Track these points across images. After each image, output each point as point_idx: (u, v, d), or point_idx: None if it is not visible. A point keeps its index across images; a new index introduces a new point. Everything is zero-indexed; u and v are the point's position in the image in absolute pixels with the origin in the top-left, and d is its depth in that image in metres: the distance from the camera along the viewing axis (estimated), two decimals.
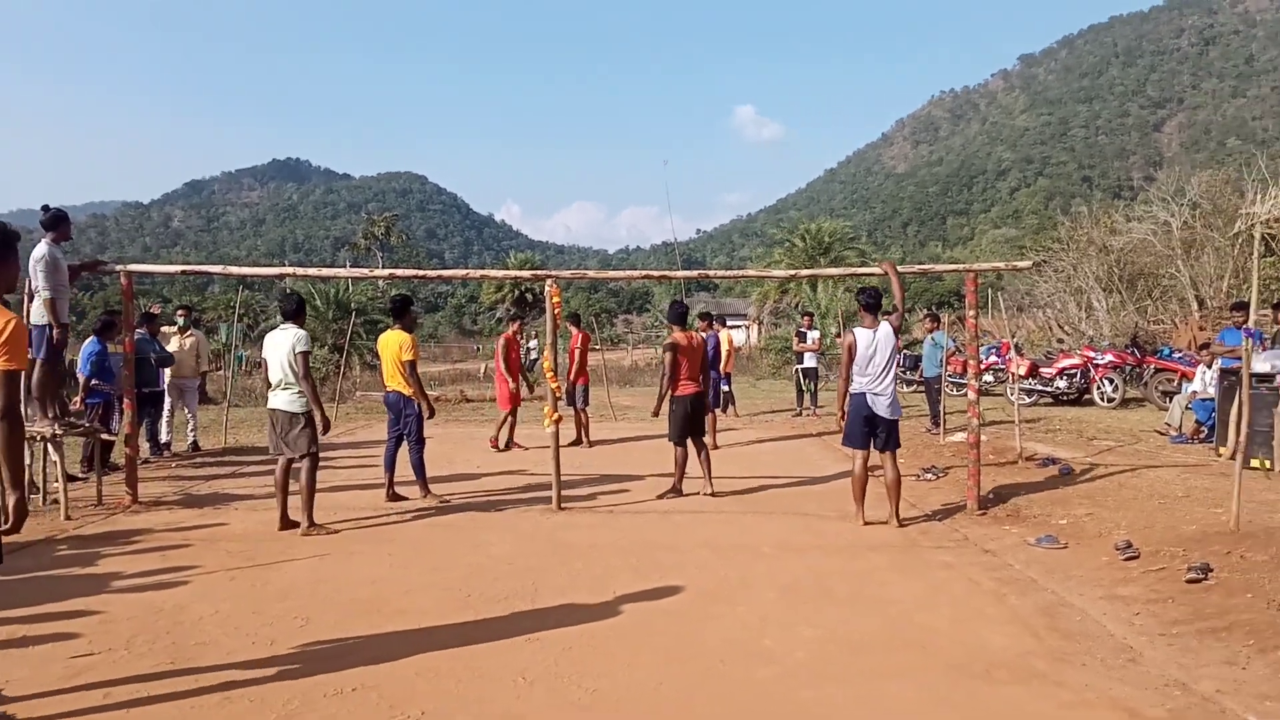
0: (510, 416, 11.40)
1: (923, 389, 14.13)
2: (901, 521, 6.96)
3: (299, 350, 6.70)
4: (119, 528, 6.98)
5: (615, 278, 12.99)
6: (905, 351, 19.17)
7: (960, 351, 14.54)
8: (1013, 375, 13.18)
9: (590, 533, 6.88)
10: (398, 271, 10.42)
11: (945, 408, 12.21)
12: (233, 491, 8.61)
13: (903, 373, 18.15)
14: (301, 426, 6.75)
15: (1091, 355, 16.30)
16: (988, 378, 17.15)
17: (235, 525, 7.10)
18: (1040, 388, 16.21)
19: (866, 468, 7.06)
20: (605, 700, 3.70)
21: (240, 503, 8.03)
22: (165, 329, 11.38)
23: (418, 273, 9.74)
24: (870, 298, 7.02)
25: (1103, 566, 5.63)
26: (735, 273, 13.02)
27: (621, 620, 4.72)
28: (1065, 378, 16.14)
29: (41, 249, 7.33)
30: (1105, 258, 22.46)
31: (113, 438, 9.22)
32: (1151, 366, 15.58)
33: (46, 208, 7.59)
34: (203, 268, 9.98)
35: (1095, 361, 15.96)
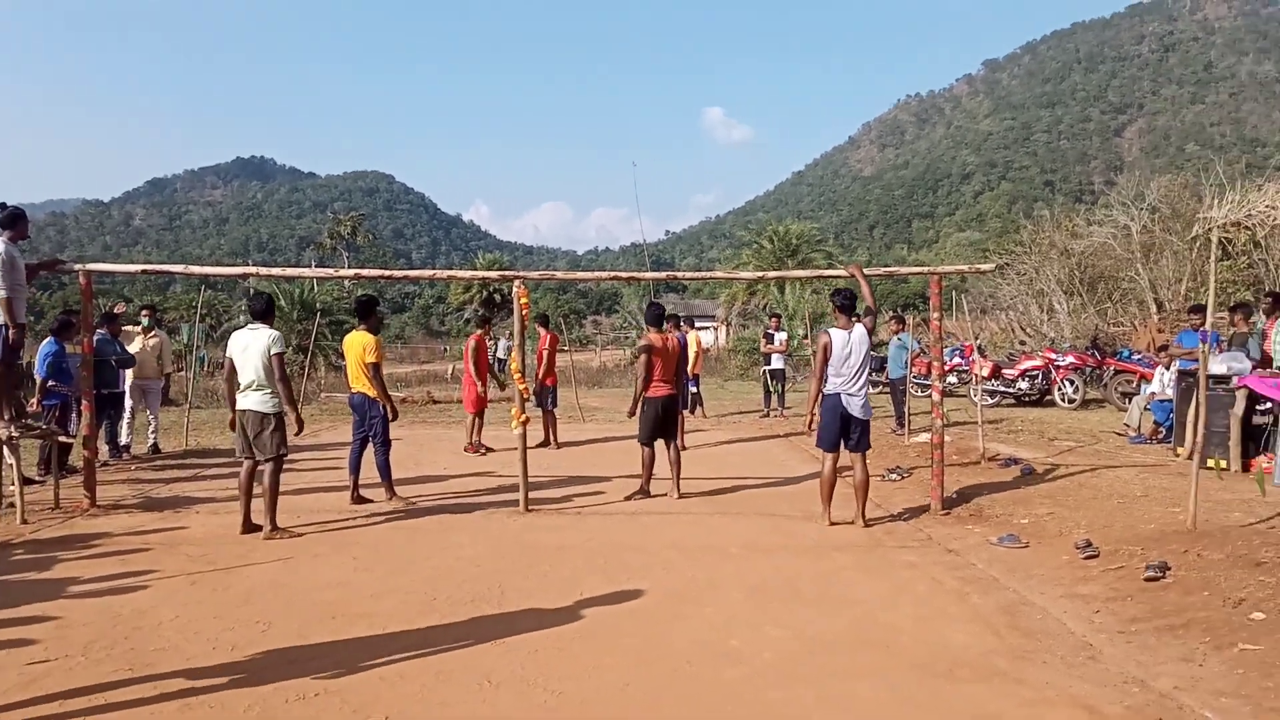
0: (478, 419, 11.36)
1: (888, 390, 14.26)
2: (867, 522, 7.02)
3: (274, 352, 6.64)
4: (77, 532, 6.85)
5: (584, 279, 12.98)
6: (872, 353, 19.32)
7: (925, 353, 14.70)
8: (976, 377, 13.34)
9: (558, 534, 6.86)
10: (363, 272, 10.34)
11: (910, 408, 12.34)
12: (194, 494, 8.48)
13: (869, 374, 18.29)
14: (273, 428, 6.69)
15: (1053, 357, 16.54)
16: (951, 379, 17.36)
17: (196, 529, 7.00)
18: (1003, 389, 16.42)
19: (836, 469, 7.11)
20: (572, 703, 3.69)
21: (201, 506, 7.92)
22: (128, 329, 11.20)
23: (384, 273, 9.65)
24: (845, 299, 7.04)
25: (1063, 565, 5.72)
26: (703, 274, 13.10)
27: (589, 622, 4.71)
28: (1027, 379, 16.36)
29: None
30: (1066, 261, 22.78)
31: (71, 440, 9.04)
32: (1111, 368, 15.83)
33: (3, 205, 7.41)
34: (164, 267, 9.83)
35: (1056, 363, 16.20)
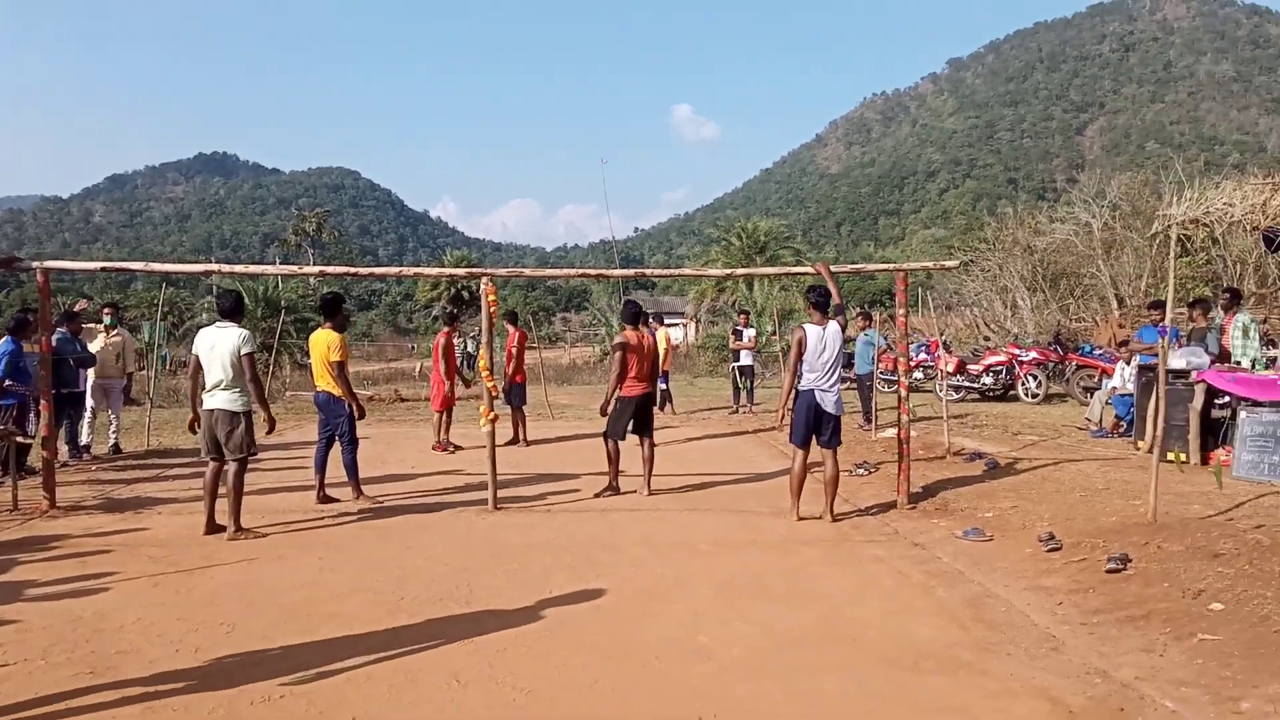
0: (446, 417, 11.30)
1: (855, 386, 14.39)
2: (835, 517, 7.07)
3: (244, 352, 6.58)
4: (36, 534, 6.73)
5: (552, 276, 12.96)
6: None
7: (891, 349, 14.84)
8: (941, 372, 13.50)
9: (527, 532, 6.84)
10: (328, 269, 10.26)
11: (877, 404, 12.45)
12: (156, 495, 8.36)
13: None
14: (243, 427, 6.62)
15: (1016, 352, 16.78)
16: (917, 374, 17.57)
17: (158, 530, 6.89)
18: (968, 384, 16.63)
19: (806, 464, 7.16)
20: (540, 701, 3.69)
21: (163, 507, 7.80)
22: (90, 326, 11.00)
23: (349, 270, 9.59)
24: (821, 296, 7.06)
25: (1026, 558, 5.80)
26: (672, 271, 13.13)
27: (557, 620, 4.71)
28: (991, 374, 16.58)
29: None
30: (1030, 258, 23.13)
31: (29, 440, 8.87)
32: (1073, 363, 16.09)
33: None
34: (125, 265, 9.67)
35: (1020, 358, 16.44)
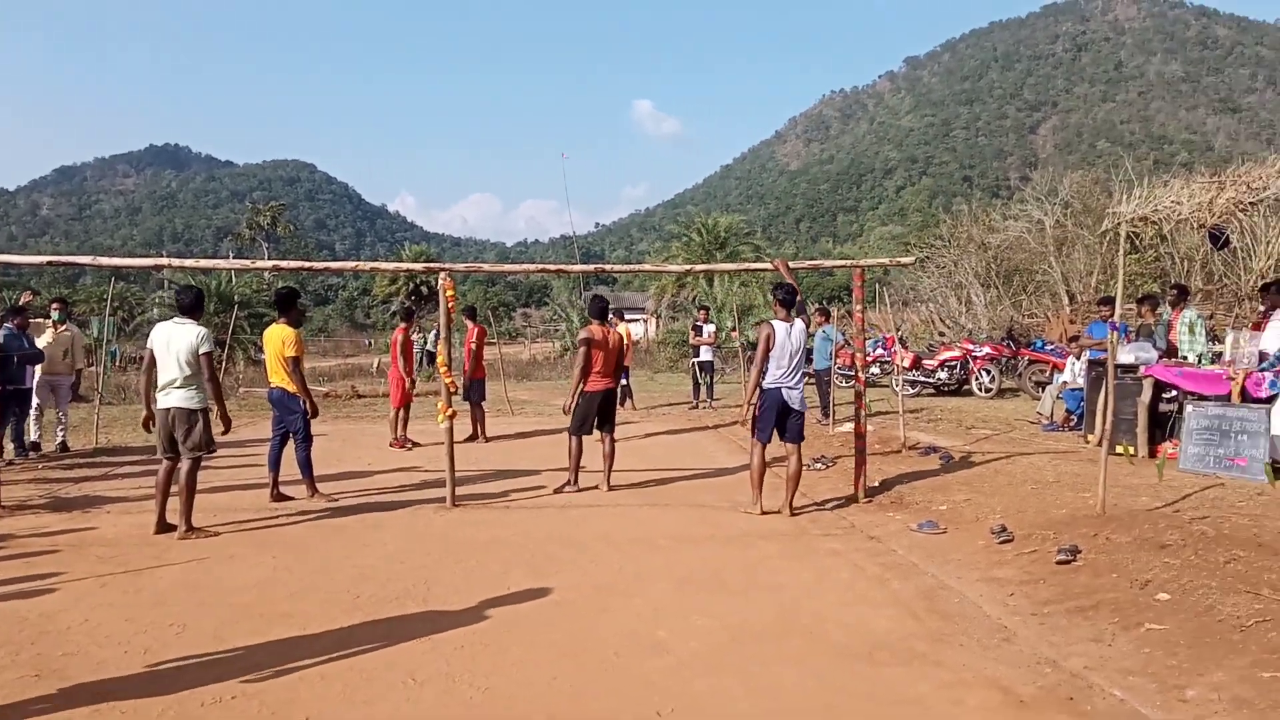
0: (404, 413, 11.20)
1: (813, 381, 14.51)
2: (794, 511, 7.12)
3: (203, 351, 6.47)
4: None
5: (511, 271, 12.88)
6: None
7: (849, 345, 14.97)
8: (897, 367, 13.65)
9: (485, 529, 6.80)
10: (283, 264, 10.11)
11: (835, 399, 12.56)
12: (104, 494, 8.18)
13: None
14: (201, 424, 6.52)
15: (970, 348, 17.05)
16: (874, 370, 17.74)
17: (106, 529, 6.74)
18: (923, 379, 16.85)
19: (765, 459, 7.20)
20: (498, 698, 3.67)
21: (112, 505, 7.64)
22: (38, 321, 10.72)
23: (304, 265, 9.41)
24: (787, 293, 7.09)
25: (979, 550, 5.89)
26: (632, 267, 13.15)
27: (516, 617, 4.69)
28: (946, 369, 16.82)
29: None
30: (984, 254, 23.45)
31: None
32: (1025, 358, 16.37)
33: None
34: (72, 258, 9.35)
35: (974, 354, 16.70)
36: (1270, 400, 7.78)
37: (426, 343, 22.99)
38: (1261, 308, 9.45)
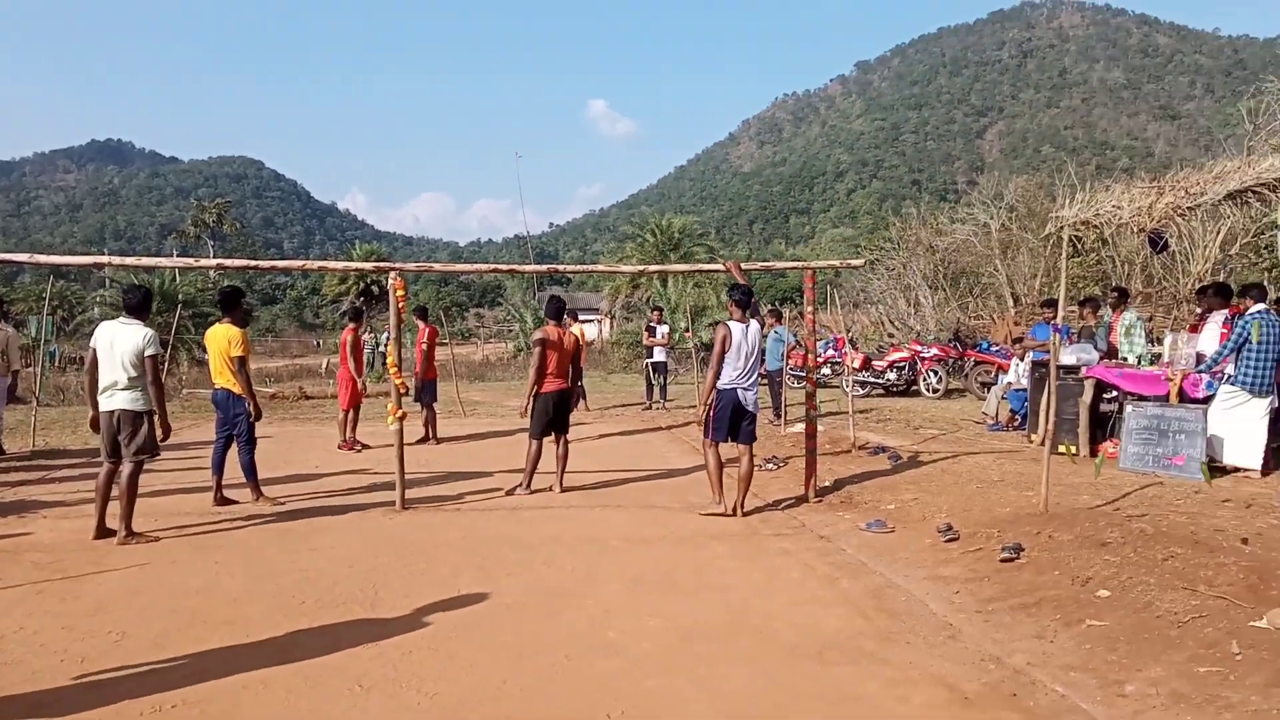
0: (354, 414, 11.05)
1: (765, 382, 14.61)
2: (746, 511, 7.15)
3: (149, 353, 6.30)
4: None
5: (463, 271, 12.78)
6: None
7: (800, 345, 15.10)
8: (848, 368, 13.81)
9: (435, 532, 6.73)
10: (227, 262, 9.88)
11: (786, 400, 12.66)
12: (41, 498, 7.92)
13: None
14: (146, 427, 6.37)
15: (918, 349, 17.31)
16: (825, 371, 17.92)
17: (43, 534, 6.54)
18: (872, 380, 17.07)
19: (721, 458, 7.21)
20: (446, 703, 3.62)
21: (49, 510, 7.40)
22: None
23: (250, 264, 9.23)
24: (744, 294, 7.09)
25: (926, 549, 5.98)
26: (585, 268, 13.09)
27: (465, 620, 4.64)
28: (895, 370, 17.06)
29: None
30: (932, 257, 23.85)
31: None
32: (971, 359, 16.68)
33: None
34: (9, 256, 9.05)
35: (922, 355, 16.96)
36: (1207, 401, 8.02)
37: (379, 344, 22.69)
38: (1199, 310, 9.74)
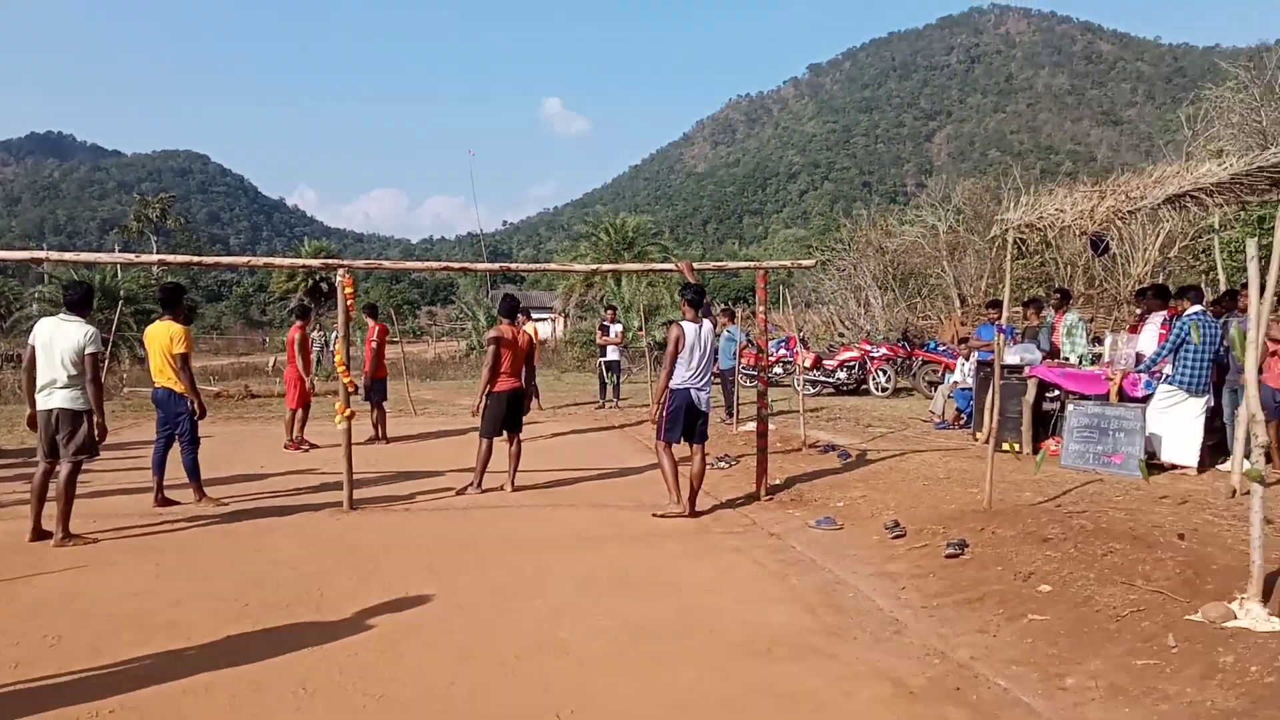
0: (303, 414, 10.88)
1: (718, 381, 14.69)
2: (697, 510, 7.16)
3: (89, 351, 6.13)
4: None
5: (414, 269, 12.64)
6: None
7: (752, 345, 15.21)
8: (799, 367, 13.92)
9: (384, 533, 6.65)
10: (170, 258, 9.64)
11: (739, 398, 12.74)
12: None
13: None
14: (85, 426, 6.21)
15: (868, 348, 17.54)
16: (777, 370, 18.07)
17: None
18: (823, 379, 17.26)
19: (675, 458, 7.19)
20: (392, 706, 3.58)
21: None
22: None
23: (194, 260, 9.01)
24: (696, 294, 7.06)
25: (874, 545, 6.06)
26: (538, 266, 13.00)
27: (414, 621, 4.59)
28: (845, 369, 17.26)
29: None
30: (881, 258, 24.19)
31: None
32: (919, 359, 16.94)
33: None
34: None
35: (871, 354, 17.18)
36: (1145, 400, 8.24)
37: (328, 342, 22.36)
38: (1138, 311, 10.02)
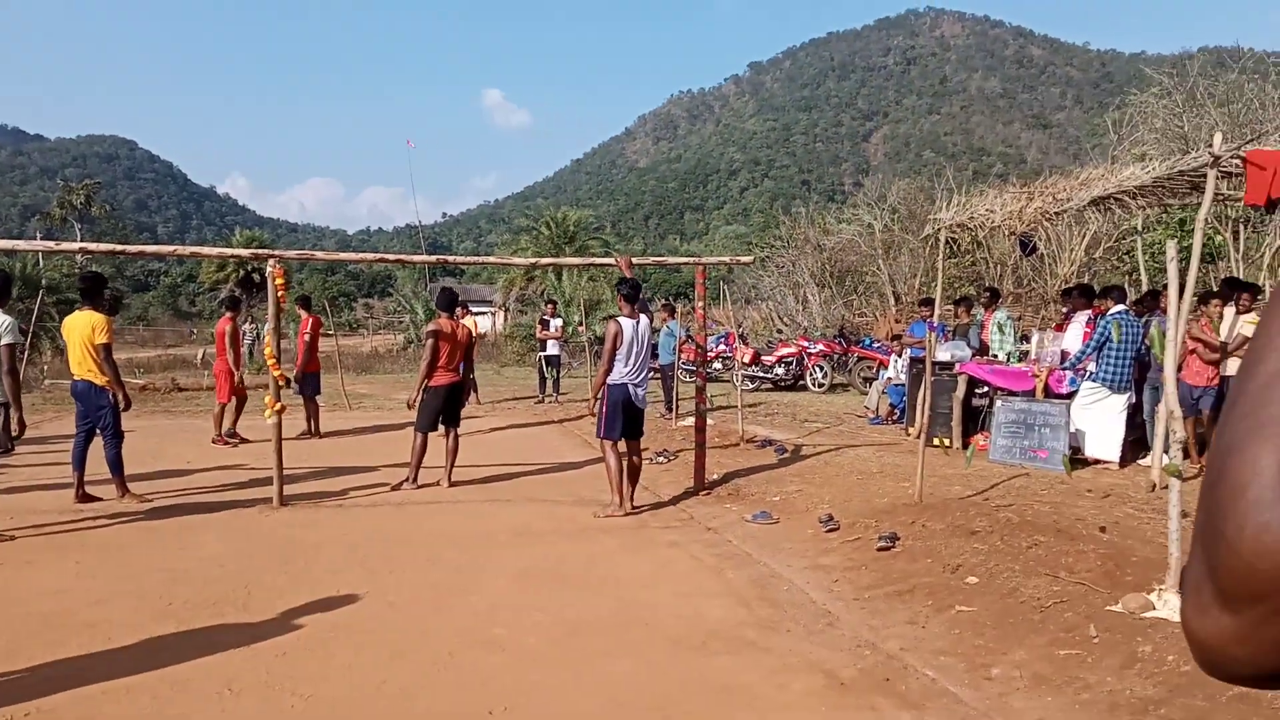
0: (238, 407, 10.62)
1: (657, 376, 14.73)
2: (635, 505, 7.16)
3: (5, 342, 5.93)
4: None
5: (349, 260, 12.41)
6: None
7: (692, 340, 15.28)
8: (738, 363, 14.04)
9: (315, 530, 6.52)
10: (93, 246, 9.36)
11: (678, 393, 12.80)
12: None
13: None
14: (2, 420, 6.00)
15: (805, 345, 17.75)
16: (716, 365, 18.19)
17: None
18: (762, 374, 17.42)
19: (620, 455, 7.07)
20: (321, 705, 3.52)
21: None
22: None
23: (118, 248, 8.74)
24: (632, 288, 7.02)
25: (808, 539, 6.15)
26: (478, 259, 12.85)
27: (345, 619, 4.52)
28: (783, 365, 17.44)
29: None
30: (819, 255, 24.50)
31: None
32: (855, 355, 17.21)
33: None
34: None
35: (809, 350, 17.40)
36: (1070, 396, 8.50)
37: (259, 334, 21.85)
38: (1064, 310, 10.32)
